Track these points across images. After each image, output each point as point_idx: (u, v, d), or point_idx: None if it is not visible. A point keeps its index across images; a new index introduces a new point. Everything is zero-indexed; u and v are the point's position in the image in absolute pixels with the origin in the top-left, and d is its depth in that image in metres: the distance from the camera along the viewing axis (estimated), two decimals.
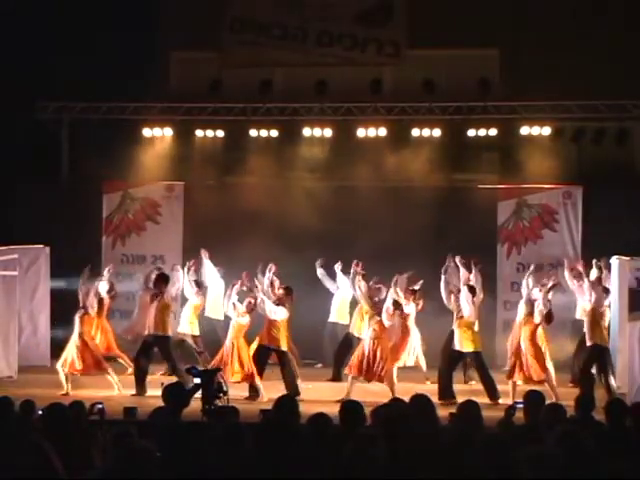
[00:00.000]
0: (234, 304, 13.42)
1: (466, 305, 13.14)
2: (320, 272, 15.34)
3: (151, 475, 5.18)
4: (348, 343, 14.70)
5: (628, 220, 16.09)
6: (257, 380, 13.18)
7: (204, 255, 15.20)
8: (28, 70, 16.47)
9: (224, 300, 13.87)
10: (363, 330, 13.86)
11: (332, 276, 15.49)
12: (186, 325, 15.19)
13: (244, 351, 13.27)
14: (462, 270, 13.85)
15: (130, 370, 14.53)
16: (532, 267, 14.32)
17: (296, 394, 12.75)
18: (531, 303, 13.31)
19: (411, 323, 14.59)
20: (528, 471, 5.09)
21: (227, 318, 13.78)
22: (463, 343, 13.13)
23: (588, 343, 13.33)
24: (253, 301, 13.46)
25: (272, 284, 13.92)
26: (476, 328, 13.47)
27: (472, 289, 13.25)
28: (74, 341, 13.57)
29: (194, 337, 15.15)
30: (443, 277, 13.70)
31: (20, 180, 17.08)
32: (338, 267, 15.21)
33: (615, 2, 16.85)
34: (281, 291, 13.73)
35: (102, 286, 14.87)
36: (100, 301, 14.49)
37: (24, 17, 16.84)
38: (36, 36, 16.55)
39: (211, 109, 17.43)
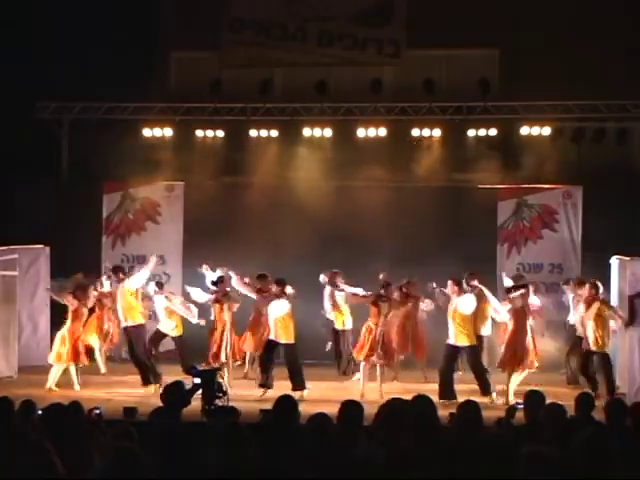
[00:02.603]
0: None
1: (467, 303, 13.14)
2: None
3: (150, 475, 5.18)
4: (337, 338, 14.98)
5: (628, 220, 16.09)
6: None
7: (204, 269, 15.22)
8: (28, 70, 16.46)
9: None
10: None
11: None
12: None
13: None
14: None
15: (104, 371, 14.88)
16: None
17: (302, 387, 12.84)
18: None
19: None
20: (527, 471, 5.09)
21: None
22: (458, 337, 13.11)
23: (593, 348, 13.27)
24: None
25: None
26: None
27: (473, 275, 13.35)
28: (60, 333, 13.72)
29: None
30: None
31: (20, 180, 17.07)
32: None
33: (615, 2, 16.83)
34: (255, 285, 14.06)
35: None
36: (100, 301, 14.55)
37: (24, 17, 16.83)
38: (36, 36, 16.54)
39: (211, 109, 17.42)
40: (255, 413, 10.35)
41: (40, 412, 7.14)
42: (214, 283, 14.07)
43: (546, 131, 17.07)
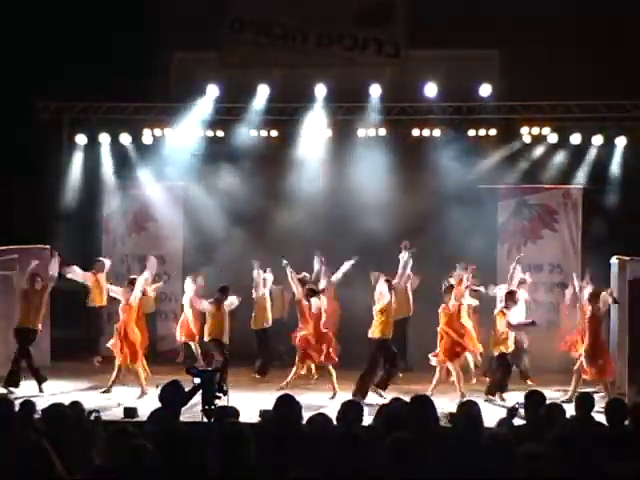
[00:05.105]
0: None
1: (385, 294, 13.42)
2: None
3: (149, 473, 5.19)
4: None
5: (628, 220, 16.09)
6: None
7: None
8: (28, 70, 16.45)
9: None
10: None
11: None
12: None
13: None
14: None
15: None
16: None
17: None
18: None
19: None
20: (527, 470, 5.10)
21: None
22: (374, 330, 13.39)
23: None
24: None
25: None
26: None
27: (389, 281, 13.59)
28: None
29: None
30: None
31: (20, 180, 17.05)
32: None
33: (615, 2, 16.82)
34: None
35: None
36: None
37: (24, 17, 16.82)
38: (36, 36, 16.53)
39: (211, 109, 17.37)
40: (255, 413, 10.36)
41: (40, 412, 7.15)
42: None
43: (546, 131, 17.06)
